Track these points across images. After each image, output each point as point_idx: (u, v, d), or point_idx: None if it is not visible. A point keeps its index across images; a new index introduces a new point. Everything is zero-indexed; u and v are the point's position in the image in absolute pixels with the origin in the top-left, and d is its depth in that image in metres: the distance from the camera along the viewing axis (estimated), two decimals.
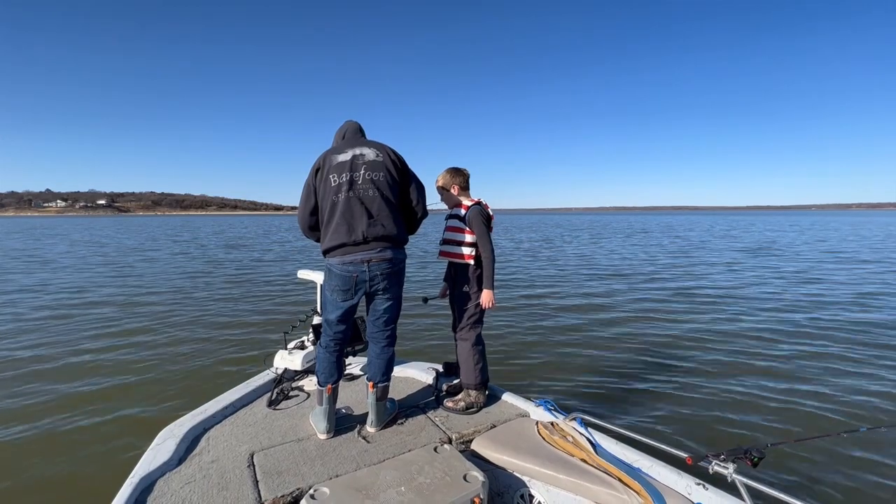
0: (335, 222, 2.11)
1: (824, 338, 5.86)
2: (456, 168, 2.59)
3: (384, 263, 2.13)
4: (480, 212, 2.45)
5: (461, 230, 2.48)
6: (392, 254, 2.15)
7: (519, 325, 6.64)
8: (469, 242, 2.45)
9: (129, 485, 1.72)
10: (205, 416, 2.27)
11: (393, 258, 2.16)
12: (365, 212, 2.08)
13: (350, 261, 2.10)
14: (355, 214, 2.08)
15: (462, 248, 2.48)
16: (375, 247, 2.10)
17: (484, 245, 2.40)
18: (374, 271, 2.12)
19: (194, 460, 1.95)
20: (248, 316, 7.37)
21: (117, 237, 31.18)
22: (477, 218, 2.42)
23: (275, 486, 1.74)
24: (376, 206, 2.11)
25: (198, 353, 5.38)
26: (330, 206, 2.11)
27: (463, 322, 2.52)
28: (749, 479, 1.52)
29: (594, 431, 2.06)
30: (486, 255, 2.40)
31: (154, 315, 7.40)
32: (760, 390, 4.20)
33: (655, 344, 5.66)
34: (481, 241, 2.41)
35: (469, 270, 2.49)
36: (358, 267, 2.10)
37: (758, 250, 18.07)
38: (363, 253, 2.09)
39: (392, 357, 2.34)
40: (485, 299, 2.42)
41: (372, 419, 2.22)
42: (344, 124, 2.38)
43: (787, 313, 7.22)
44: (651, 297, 8.75)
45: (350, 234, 2.08)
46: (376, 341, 2.31)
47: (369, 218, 2.09)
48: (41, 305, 8.25)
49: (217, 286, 10.33)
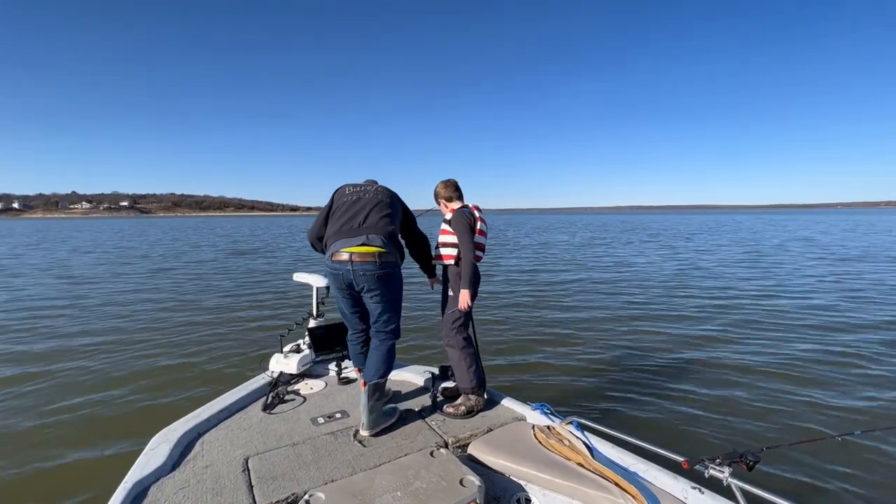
0: (336, 216, 2.39)
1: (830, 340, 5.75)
2: (445, 180, 2.71)
3: (368, 264, 2.24)
4: (462, 214, 2.49)
5: (446, 232, 2.55)
6: (378, 257, 2.25)
7: (516, 328, 6.62)
8: (451, 243, 2.50)
9: (122, 490, 1.71)
10: (199, 420, 2.25)
11: (378, 261, 2.25)
12: (364, 213, 2.36)
13: (337, 259, 2.27)
14: (355, 213, 2.36)
15: (443, 249, 2.55)
16: (363, 248, 2.25)
17: (462, 244, 2.44)
18: (357, 271, 2.24)
19: (188, 465, 1.94)
20: (243, 319, 7.37)
21: (139, 238, 31.87)
22: (458, 220, 2.47)
23: (270, 492, 1.74)
24: (375, 212, 2.38)
25: (192, 357, 5.37)
26: (338, 208, 2.41)
27: (448, 327, 2.53)
28: (745, 483, 1.50)
29: (590, 435, 2.05)
30: (464, 254, 2.43)
31: (147, 318, 7.42)
32: (757, 393, 4.18)
33: (652, 348, 5.62)
34: (460, 240, 2.45)
35: (450, 272, 2.54)
36: (343, 265, 2.26)
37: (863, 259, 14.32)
38: (346, 252, 2.24)
39: (387, 354, 2.37)
40: (461, 300, 2.44)
41: (363, 421, 2.17)
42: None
43: (791, 315, 7.08)
44: (650, 301, 8.61)
45: (343, 226, 2.32)
46: (373, 339, 2.44)
47: (365, 219, 2.35)
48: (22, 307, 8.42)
49: (213, 289, 10.36)
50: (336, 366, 2.94)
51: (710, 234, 30.06)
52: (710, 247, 19.93)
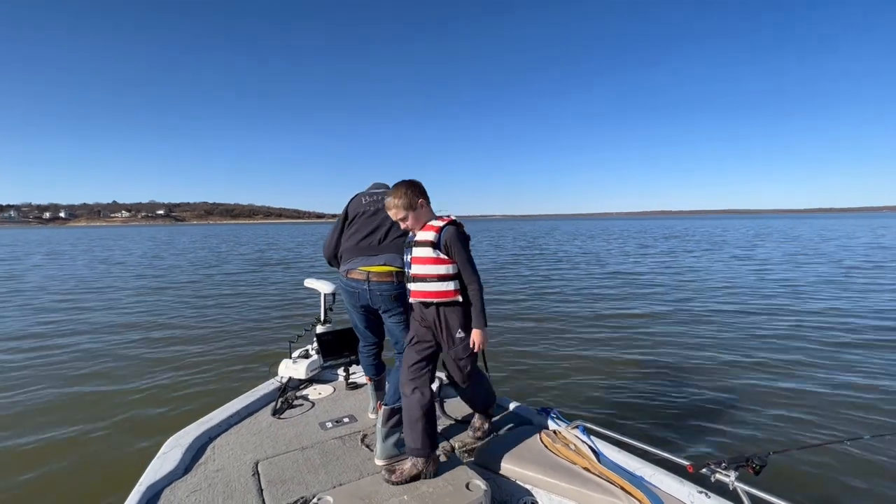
0: (353, 229, 2.27)
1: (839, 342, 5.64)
2: (412, 181, 2.05)
3: (385, 284, 2.15)
4: (459, 231, 1.98)
5: (437, 260, 1.95)
6: (397, 276, 2.14)
7: (523, 333, 6.59)
8: (451, 275, 1.96)
9: (136, 493, 1.74)
10: (210, 424, 2.29)
11: (396, 280, 2.15)
12: (383, 229, 2.23)
13: (353, 277, 2.18)
14: (374, 228, 2.23)
15: (444, 284, 1.96)
16: (383, 268, 2.14)
17: (470, 275, 1.97)
18: (375, 291, 2.15)
19: (200, 469, 1.97)
20: (253, 325, 7.45)
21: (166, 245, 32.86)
22: (456, 240, 1.94)
23: (279, 495, 1.77)
24: (395, 228, 2.21)
25: (203, 363, 5.43)
26: (353, 220, 2.30)
27: (461, 377, 2.13)
28: (751, 487, 1.48)
29: (596, 439, 2.04)
30: (475, 286, 1.96)
31: (158, 324, 7.53)
32: (763, 398, 4.10)
33: (659, 353, 5.53)
34: (466, 269, 1.96)
35: (459, 311, 2.00)
36: (360, 284, 2.15)
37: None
38: (364, 271, 2.15)
39: None
40: (477, 340, 1.98)
41: (375, 450, 2.04)
42: (373, 183, 2.55)
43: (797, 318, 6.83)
44: (653, 302, 8.39)
45: (361, 242, 2.21)
46: (396, 359, 2.31)
47: (385, 235, 2.22)
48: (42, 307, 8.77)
49: (222, 295, 10.49)
50: (344, 371, 2.96)
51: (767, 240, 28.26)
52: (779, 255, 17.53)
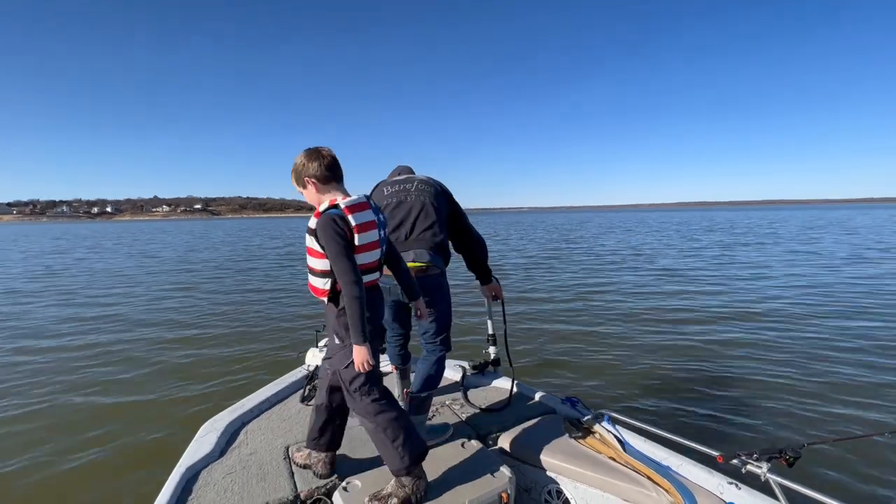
0: None
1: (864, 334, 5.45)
2: (313, 150, 1.66)
3: (415, 280, 2.08)
4: (334, 219, 1.56)
5: (315, 252, 1.63)
6: (426, 271, 2.12)
7: (547, 322, 6.57)
8: (321, 270, 1.64)
9: (176, 473, 1.84)
10: (243, 410, 2.39)
11: (426, 274, 2.12)
12: (410, 221, 2.17)
13: (384, 274, 2.11)
14: (401, 221, 2.18)
15: (320, 281, 1.67)
16: (412, 264, 2.10)
17: (339, 273, 1.55)
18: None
19: (234, 452, 2.06)
20: (281, 315, 7.72)
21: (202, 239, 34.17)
22: (327, 230, 1.55)
23: (310, 479, 1.84)
24: (422, 220, 2.17)
25: (235, 352, 5.69)
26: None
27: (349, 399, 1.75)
28: (784, 479, 1.44)
29: (622, 429, 2.02)
30: (345, 289, 1.54)
31: (190, 315, 7.89)
32: (797, 389, 3.96)
33: (687, 342, 5.43)
34: (334, 266, 1.56)
35: (332, 313, 1.70)
36: (390, 280, 2.03)
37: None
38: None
39: (435, 366, 2.23)
40: (357, 359, 1.58)
41: None
42: (396, 167, 2.52)
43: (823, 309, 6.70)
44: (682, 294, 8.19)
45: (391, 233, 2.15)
46: (423, 349, 2.31)
47: (412, 228, 2.16)
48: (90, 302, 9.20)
49: (251, 287, 10.84)
50: None
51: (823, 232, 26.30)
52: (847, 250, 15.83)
